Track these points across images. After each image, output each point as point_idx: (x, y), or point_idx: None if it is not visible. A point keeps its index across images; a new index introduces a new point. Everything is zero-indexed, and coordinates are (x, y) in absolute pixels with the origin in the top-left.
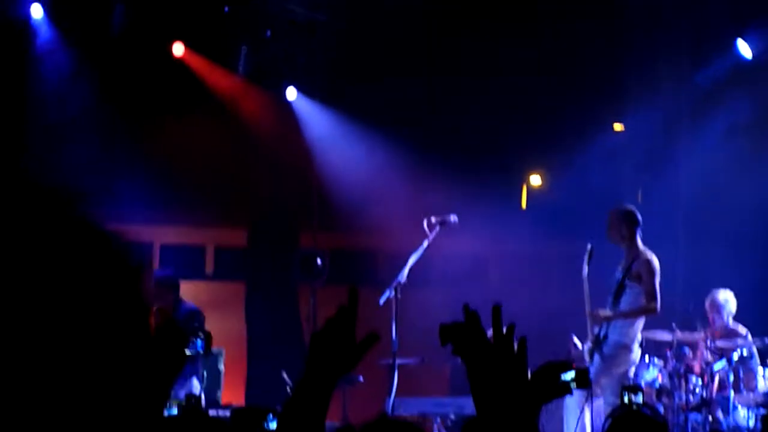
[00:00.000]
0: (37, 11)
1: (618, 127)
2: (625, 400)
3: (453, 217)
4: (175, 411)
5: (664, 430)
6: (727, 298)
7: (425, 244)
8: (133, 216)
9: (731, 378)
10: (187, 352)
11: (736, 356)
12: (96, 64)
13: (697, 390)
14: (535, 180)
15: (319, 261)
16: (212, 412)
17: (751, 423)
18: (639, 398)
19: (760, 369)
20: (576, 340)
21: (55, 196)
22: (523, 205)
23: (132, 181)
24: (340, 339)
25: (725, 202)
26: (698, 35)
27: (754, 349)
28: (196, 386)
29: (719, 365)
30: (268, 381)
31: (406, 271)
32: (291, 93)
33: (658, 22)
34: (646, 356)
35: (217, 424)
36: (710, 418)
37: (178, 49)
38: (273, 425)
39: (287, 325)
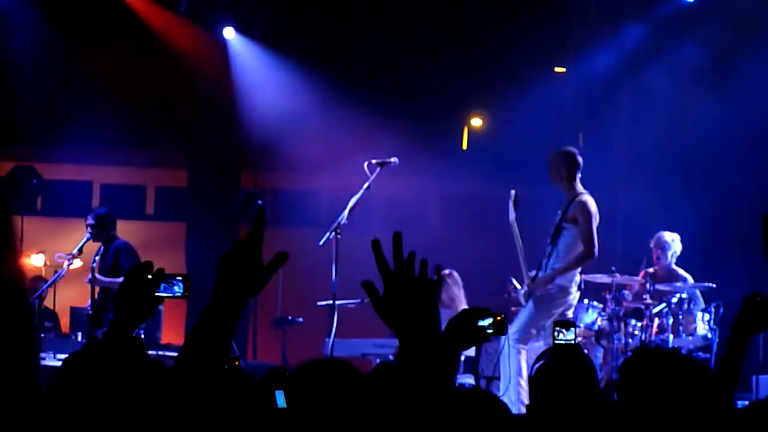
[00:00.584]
0: None
1: (559, 69)
2: (557, 336)
3: (394, 159)
4: None
5: (591, 374)
6: (673, 239)
7: (366, 185)
8: (73, 155)
9: (670, 321)
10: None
11: (675, 300)
12: None
13: (637, 333)
14: (476, 122)
15: (259, 201)
16: (152, 353)
17: None
18: (571, 334)
19: (699, 313)
20: (515, 282)
21: None
22: (464, 146)
23: (73, 120)
24: (247, 260)
25: (666, 146)
26: None
27: (698, 293)
28: None
29: (658, 308)
30: None
31: (346, 212)
32: (229, 32)
33: None
34: (585, 299)
35: (156, 365)
36: None
37: None
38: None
39: None
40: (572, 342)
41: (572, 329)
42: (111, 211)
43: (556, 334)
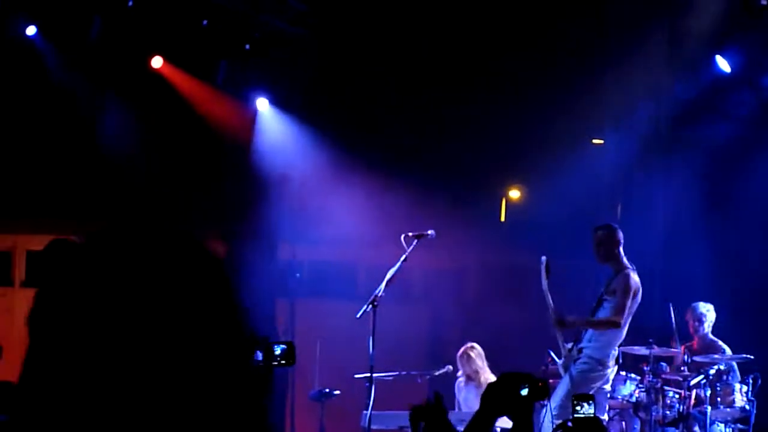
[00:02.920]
0: (30, 29)
1: (597, 141)
2: (576, 409)
3: (430, 232)
4: None
5: None
6: (708, 309)
7: (403, 257)
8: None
9: (708, 393)
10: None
11: (713, 371)
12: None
13: (675, 405)
14: (514, 194)
15: (297, 274)
16: None
17: None
18: (590, 408)
19: (737, 385)
20: (553, 354)
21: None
22: (502, 218)
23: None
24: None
25: (704, 216)
26: (677, 50)
27: (735, 365)
28: None
29: (696, 380)
30: None
31: (383, 285)
32: (263, 104)
33: (637, 36)
34: (623, 371)
35: None
36: None
37: (156, 62)
38: None
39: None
40: (591, 416)
41: (591, 402)
42: None
43: (574, 406)
